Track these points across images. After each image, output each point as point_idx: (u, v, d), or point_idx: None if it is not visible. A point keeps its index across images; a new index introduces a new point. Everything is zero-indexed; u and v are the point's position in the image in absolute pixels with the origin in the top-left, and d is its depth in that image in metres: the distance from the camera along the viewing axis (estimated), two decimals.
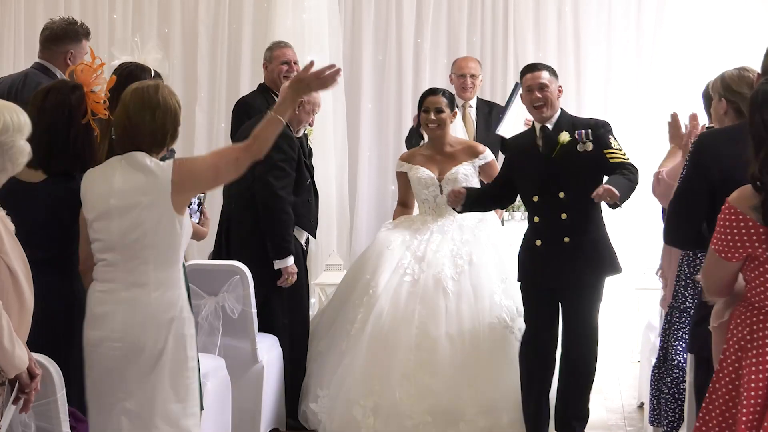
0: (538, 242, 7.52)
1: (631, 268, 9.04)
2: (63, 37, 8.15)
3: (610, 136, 7.47)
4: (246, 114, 9.31)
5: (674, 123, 7.34)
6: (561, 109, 7.66)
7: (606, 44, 12.36)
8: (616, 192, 6.93)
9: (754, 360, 4.59)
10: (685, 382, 6.65)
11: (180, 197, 5.48)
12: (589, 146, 7.32)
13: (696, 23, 11.27)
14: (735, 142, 4.95)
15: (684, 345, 6.63)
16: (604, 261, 7.53)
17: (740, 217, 4.59)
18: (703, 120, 6.93)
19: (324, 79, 5.73)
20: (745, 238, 4.58)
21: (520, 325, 7.90)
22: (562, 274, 7.45)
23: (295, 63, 9.88)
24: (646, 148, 10.25)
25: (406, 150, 9.73)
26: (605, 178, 7.31)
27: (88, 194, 5.60)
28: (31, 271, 4.79)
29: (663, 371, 6.92)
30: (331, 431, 7.96)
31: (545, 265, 7.50)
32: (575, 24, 12.41)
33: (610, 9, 12.35)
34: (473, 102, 10.74)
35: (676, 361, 6.72)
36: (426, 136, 8.95)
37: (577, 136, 7.35)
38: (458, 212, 8.05)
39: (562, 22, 12.41)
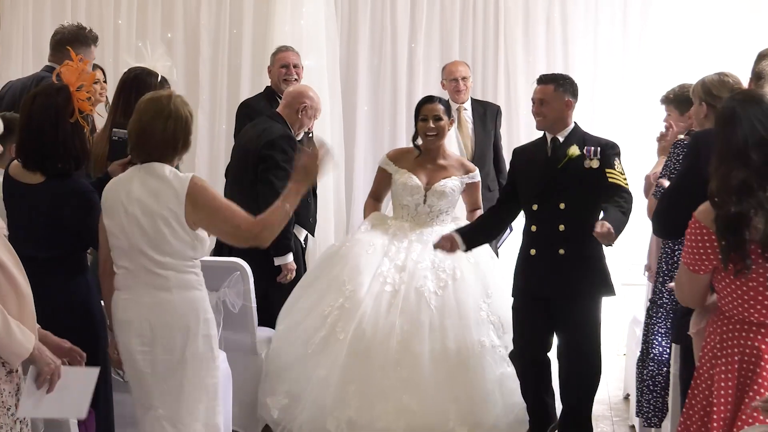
0: (533, 251, 7.27)
1: (618, 264, 8.94)
2: (73, 41, 8.16)
3: (616, 159, 7.21)
4: (248, 116, 9.31)
5: (666, 136, 7.41)
6: (575, 123, 7.40)
7: (593, 48, 12.42)
8: (614, 236, 6.71)
9: (723, 368, 4.61)
10: (661, 374, 6.64)
11: (193, 212, 5.46)
12: (596, 164, 7.11)
13: (680, 29, 11.31)
14: None
15: (661, 339, 6.62)
16: (596, 277, 7.24)
17: (704, 230, 4.62)
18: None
19: (323, 164, 5.74)
20: (710, 251, 4.61)
21: (507, 342, 7.60)
22: (555, 285, 7.17)
23: (295, 66, 9.92)
24: (632, 148, 10.19)
25: None
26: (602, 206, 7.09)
27: (108, 202, 5.60)
28: (36, 271, 4.79)
29: (644, 364, 6.91)
30: None
31: (538, 274, 7.25)
32: (563, 29, 12.46)
33: (596, 14, 12.41)
34: (468, 104, 10.62)
35: (652, 355, 6.72)
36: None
37: (585, 152, 7.15)
38: (464, 251, 7.60)
39: (550, 27, 12.47)
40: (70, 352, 5.14)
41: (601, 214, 7.00)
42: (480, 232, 7.65)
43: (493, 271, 7.94)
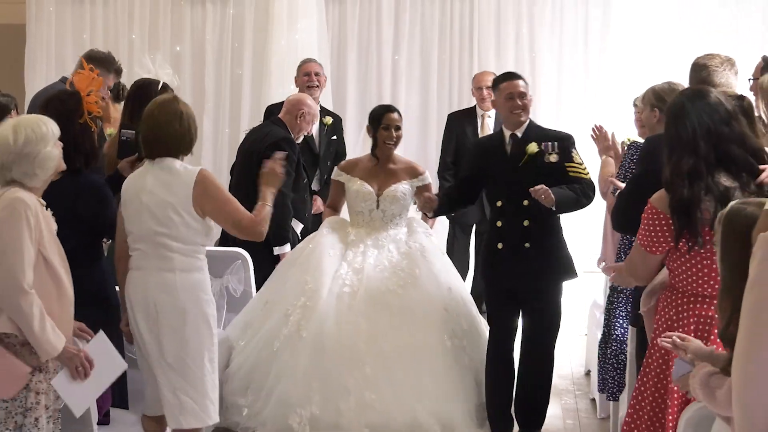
0: (500, 245, 7.00)
1: (580, 254, 8.86)
2: (103, 61, 8.34)
3: (573, 150, 7.02)
4: (268, 117, 9.43)
5: (603, 136, 7.32)
6: (530, 119, 7.17)
7: (557, 60, 12.48)
8: (552, 196, 6.63)
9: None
10: (623, 353, 6.61)
11: (201, 199, 5.52)
12: (555, 158, 6.89)
13: (636, 39, 11.31)
14: None
15: (622, 321, 6.60)
16: (560, 266, 7.06)
17: (660, 215, 4.67)
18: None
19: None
20: (667, 234, 4.66)
21: (470, 338, 7.34)
22: (522, 276, 6.94)
23: (317, 74, 10.13)
24: (593, 148, 10.15)
25: None
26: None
27: (126, 194, 5.66)
28: None
29: (605, 345, 6.87)
30: None
31: (506, 267, 6.99)
32: (531, 42, 12.50)
33: (561, 28, 12.49)
34: (491, 113, 10.36)
35: (615, 336, 6.69)
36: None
37: (543, 148, 6.90)
38: (429, 217, 7.55)
39: (519, 41, 12.52)
40: (82, 335, 5.23)
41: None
42: (448, 208, 7.61)
43: (447, 266, 7.64)
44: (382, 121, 7.59)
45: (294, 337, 6.95)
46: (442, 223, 10.69)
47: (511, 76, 7.21)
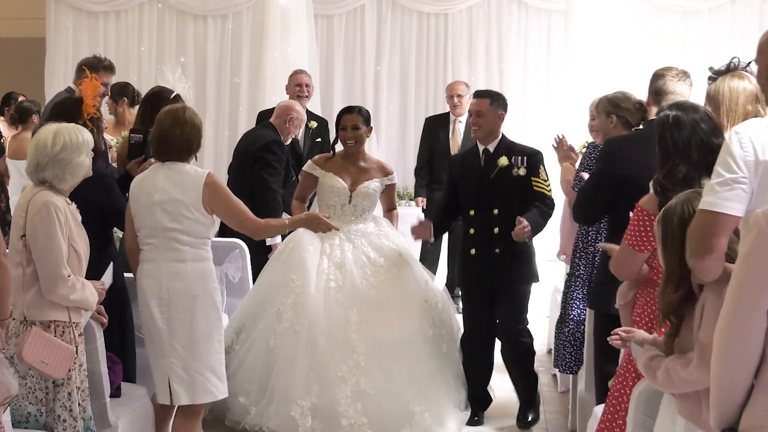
0: (473, 251, 6.85)
1: (543, 246, 8.81)
2: (94, 65, 8.28)
3: (541, 166, 6.82)
4: (260, 122, 9.45)
5: (562, 145, 7.32)
6: (502, 134, 6.93)
7: (523, 66, 12.60)
8: (531, 235, 6.61)
9: (664, 330, 4.53)
10: (580, 332, 6.59)
11: (210, 199, 5.54)
12: (523, 171, 6.72)
13: (593, 50, 11.28)
14: (638, 146, 4.89)
15: (578, 303, 6.58)
16: (526, 270, 6.88)
17: (649, 216, 4.57)
18: None
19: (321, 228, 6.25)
20: (651, 234, 4.55)
21: (448, 326, 7.10)
22: (493, 279, 6.80)
23: (307, 85, 10.01)
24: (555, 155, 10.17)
25: None
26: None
27: (136, 193, 5.62)
28: None
29: (563, 325, 6.85)
30: (268, 427, 6.57)
31: (479, 271, 6.85)
32: (499, 56, 12.62)
33: (527, 40, 12.62)
34: (463, 118, 10.33)
35: (572, 316, 6.65)
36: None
37: (513, 161, 6.73)
38: (431, 243, 7.38)
39: (489, 51, 12.65)
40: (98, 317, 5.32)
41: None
42: (444, 227, 7.37)
43: (418, 263, 7.37)
44: (341, 122, 7.28)
45: (288, 333, 6.70)
46: (415, 216, 10.73)
47: (475, 95, 7.12)
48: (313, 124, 9.90)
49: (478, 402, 7.01)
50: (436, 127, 10.57)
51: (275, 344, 6.67)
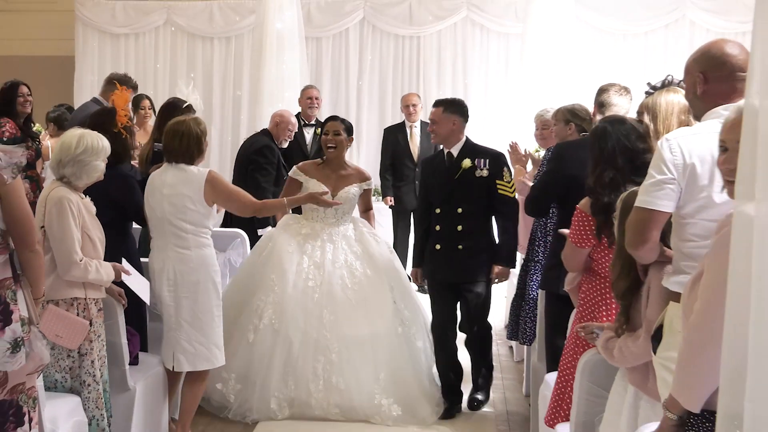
0: (438, 246, 6.54)
1: None
2: (126, 81, 8.54)
3: (505, 168, 6.50)
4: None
5: (515, 151, 7.36)
6: (466, 137, 6.60)
7: (485, 82, 12.67)
8: (513, 263, 6.61)
9: (605, 314, 4.54)
10: (537, 309, 6.57)
11: (211, 192, 5.60)
12: (485, 173, 6.45)
13: (546, 66, 11.30)
14: (583, 150, 4.87)
15: (535, 285, 6.55)
16: (486, 265, 6.56)
17: (586, 217, 4.58)
18: None
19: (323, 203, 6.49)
20: (591, 231, 4.58)
21: (415, 325, 6.82)
22: (457, 272, 6.51)
23: (316, 98, 10.07)
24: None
25: None
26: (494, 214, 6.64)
27: (149, 187, 5.72)
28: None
29: (521, 303, 6.81)
30: (251, 419, 6.34)
31: (443, 265, 6.54)
32: (464, 70, 12.71)
33: (488, 59, 12.69)
34: (417, 124, 10.59)
35: (531, 296, 6.62)
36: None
37: (476, 164, 6.43)
38: (421, 286, 7.08)
39: (455, 69, 12.74)
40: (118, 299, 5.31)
41: (494, 221, 6.63)
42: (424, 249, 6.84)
43: (392, 263, 6.96)
44: (324, 128, 7.01)
45: (267, 330, 6.46)
46: (385, 211, 10.85)
47: (433, 105, 6.76)
48: (319, 131, 9.90)
49: (452, 395, 6.70)
50: (395, 134, 10.72)
51: (254, 339, 6.45)
